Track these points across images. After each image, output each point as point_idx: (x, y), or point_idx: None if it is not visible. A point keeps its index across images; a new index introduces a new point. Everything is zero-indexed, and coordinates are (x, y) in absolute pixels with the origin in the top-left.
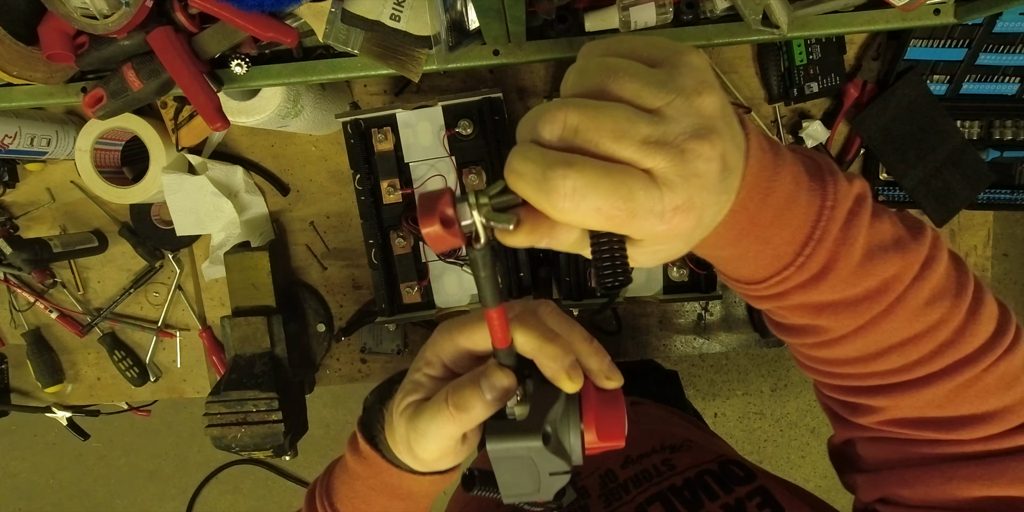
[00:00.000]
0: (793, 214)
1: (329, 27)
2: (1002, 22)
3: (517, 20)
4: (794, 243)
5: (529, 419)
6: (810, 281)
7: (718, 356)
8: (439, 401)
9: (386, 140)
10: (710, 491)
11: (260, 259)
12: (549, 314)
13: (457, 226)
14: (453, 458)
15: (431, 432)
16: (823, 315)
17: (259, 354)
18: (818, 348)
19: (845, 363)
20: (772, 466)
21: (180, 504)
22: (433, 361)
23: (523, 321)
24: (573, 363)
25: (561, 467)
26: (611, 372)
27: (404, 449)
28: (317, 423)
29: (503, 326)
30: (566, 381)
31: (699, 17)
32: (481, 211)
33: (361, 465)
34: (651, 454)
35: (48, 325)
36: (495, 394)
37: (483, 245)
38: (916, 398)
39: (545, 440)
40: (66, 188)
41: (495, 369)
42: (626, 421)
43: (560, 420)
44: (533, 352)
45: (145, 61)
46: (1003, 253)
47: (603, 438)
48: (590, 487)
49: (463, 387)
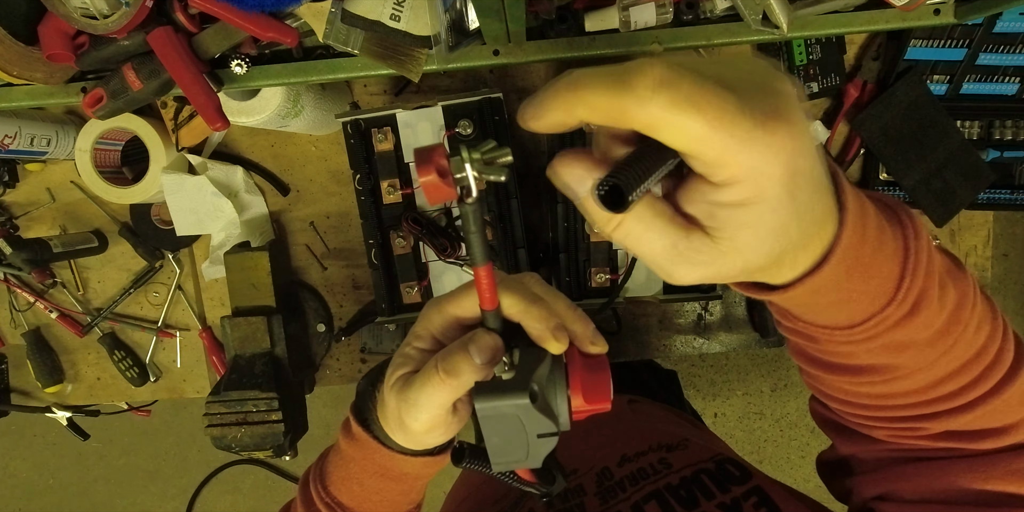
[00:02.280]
0: (886, 248)
1: (329, 27)
2: (1002, 22)
3: (517, 20)
4: (892, 278)
5: (516, 379)
6: (906, 317)
7: (718, 356)
8: (429, 368)
9: (386, 140)
10: (706, 490)
11: (260, 259)
12: (535, 283)
13: (451, 177)
14: (444, 430)
15: (422, 400)
16: (906, 353)
17: (259, 354)
18: (875, 385)
19: (900, 396)
20: (772, 466)
21: (180, 504)
22: (423, 334)
23: (509, 286)
24: (558, 325)
25: (549, 428)
26: (596, 338)
27: (395, 425)
28: (317, 423)
29: (491, 286)
30: (552, 342)
31: (699, 17)
32: (473, 164)
33: (353, 447)
34: (648, 453)
35: (48, 325)
36: (484, 357)
37: (474, 200)
38: (960, 420)
39: (532, 398)
40: (66, 188)
41: (482, 332)
42: (611, 385)
43: (547, 382)
44: (519, 315)
45: (145, 61)
46: (1003, 253)
47: (589, 401)
48: (586, 485)
49: (452, 353)
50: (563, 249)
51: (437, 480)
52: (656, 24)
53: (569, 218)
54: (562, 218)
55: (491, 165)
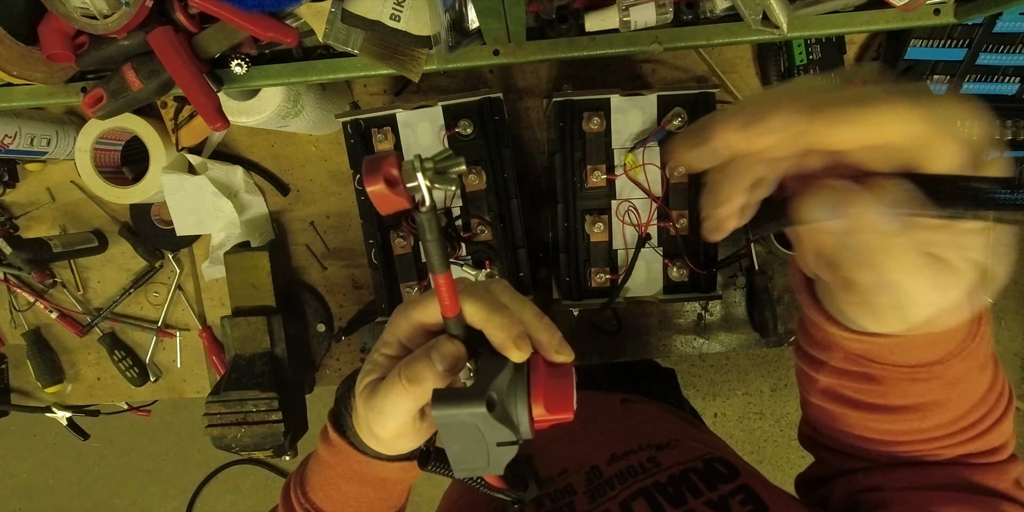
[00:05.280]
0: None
1: (329, 27)
2: (1002, 22)
3: (517, 20)
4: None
5: (474, 387)
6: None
7: (718, 356)
8: (393, 376)
9: (386, 140)
10: (694, 488)
11: (260, 259)
12: (502, 291)
13: (402, 186)
14: (412, 437)
15: (387, 408)
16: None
17: (259, 354)
18: (910, 422)
19: (929, 430)
20: (772, 466)
21: (180, 504)
22: (390, 341)
23: (472, 293)
24: (521, 334)
25: (508, 437)
26: (561, 347)
27: (367, 432)
28: (317, 423)
29: (451, 293)
30: (512, 350)
31: (699, 17)
32: (425, 174)
33: (330, 453)
34: (637, 451)
35: (48, 325)
36: (445, 364)
37: (428, 208)
38: (975, 444)
39: (490, 406)
40: (66, 188)
41: (444, 339)
42: (574, 394)
43: (507, 390)
44: (482, 323)
45: (145, 61)
46: None
47: (551, 410)
48: (575, 483)
49: (414, 361)
50: (563, 249)
51: (436, 479)
52: (656, 24)
53: (569, 218)
54: (562, 218)
55: (443, 174)
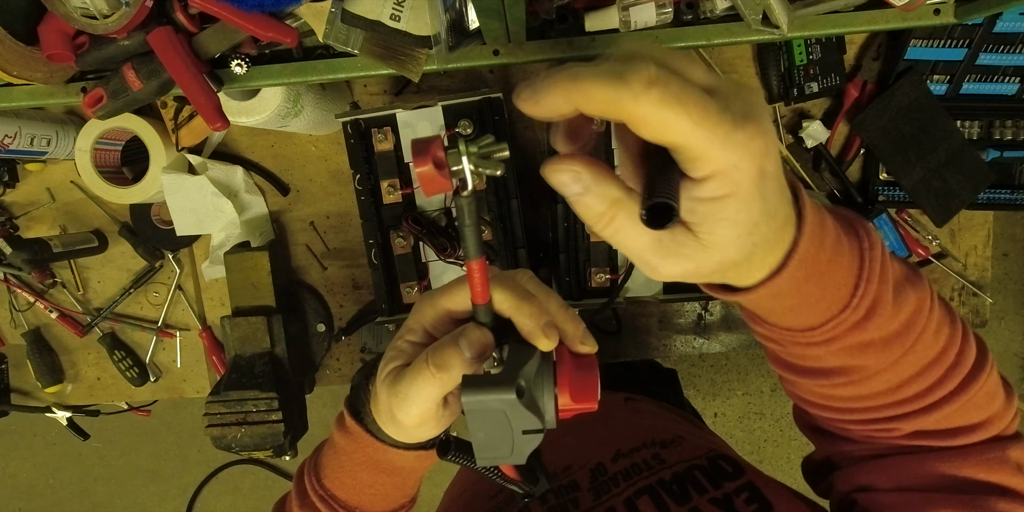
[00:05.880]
0: (843, 257)
1: (329, 27)
2: (1002, 22)
3: (517, 20)
4: (847, 285)
5: (503, 374)
6: (861, 321)
7: (718, 356)
8: (419, 362)
9: (386, 140)
10: (699, 485)
11: (260, 259)
12: (528, 280)
13: (447, 169)
14: (435, 424)
15: (412, 394)
16: (865, 354)
17: (259, 354)
18: (844, 387)
19: (868, 398)
20: (772, 466)
21: (180, 504)
22: (415, 328)
23: (501, 281)
24: (549, 323)
25: (534, 424)
26: (586, 337)
27: (387, 418)
28: (317, 423)
29: (483, 280)
30: (541, 338)
31: (699, 17)
32: (470, 158)
33: (346, 440)
34: (641, 449)
35: (48, 325)
36: (473, 351)
37: (469, 193)
38: (928, 419)
39: (519, 393)
40: (66, 188)
41: (472, 327)
42: (599, 385)
43: (534, 378)
44: (511, 311)
45: (145, 61)
46: (1003, 253)
47: (576, 399)
48: (580, 480)
49: (442, 347)
50: (563, 249)
51: (436, 479)
52: (656, 24)
53: (569, 218)
54: (562, 218)
55: (487, 159)
